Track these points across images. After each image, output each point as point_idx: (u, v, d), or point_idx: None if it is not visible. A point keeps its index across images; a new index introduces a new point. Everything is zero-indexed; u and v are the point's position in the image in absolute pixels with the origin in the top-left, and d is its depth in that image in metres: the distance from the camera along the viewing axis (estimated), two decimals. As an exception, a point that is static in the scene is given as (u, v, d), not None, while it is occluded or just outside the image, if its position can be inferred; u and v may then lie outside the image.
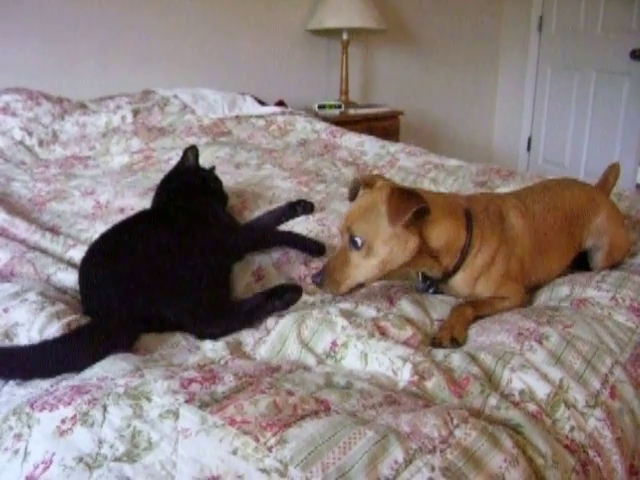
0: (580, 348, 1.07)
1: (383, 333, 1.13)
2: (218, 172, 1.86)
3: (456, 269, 1.29)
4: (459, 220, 1.26)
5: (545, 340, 1.09)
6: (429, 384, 0.98)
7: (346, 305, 1.24)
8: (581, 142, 4.29)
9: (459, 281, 1.31)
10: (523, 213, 1.36)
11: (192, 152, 1.76)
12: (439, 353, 1.08)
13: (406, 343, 1.11)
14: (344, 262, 1.21)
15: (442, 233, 1.23)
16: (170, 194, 1.66)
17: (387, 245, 1.18)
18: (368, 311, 1.22)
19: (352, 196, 1.34)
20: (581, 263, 1.51)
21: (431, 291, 1.36)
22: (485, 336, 1.15)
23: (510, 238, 1.32)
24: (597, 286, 1.31)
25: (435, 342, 1.15)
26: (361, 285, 1.23)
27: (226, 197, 1.79)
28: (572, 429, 0.93)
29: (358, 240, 1.18)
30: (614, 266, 1.49)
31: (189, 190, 1.67)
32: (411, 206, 1.14)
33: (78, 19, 3.03)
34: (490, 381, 1.00)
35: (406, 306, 1.26)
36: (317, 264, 1.44)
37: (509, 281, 1.31)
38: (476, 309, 1.26)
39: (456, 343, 1.14)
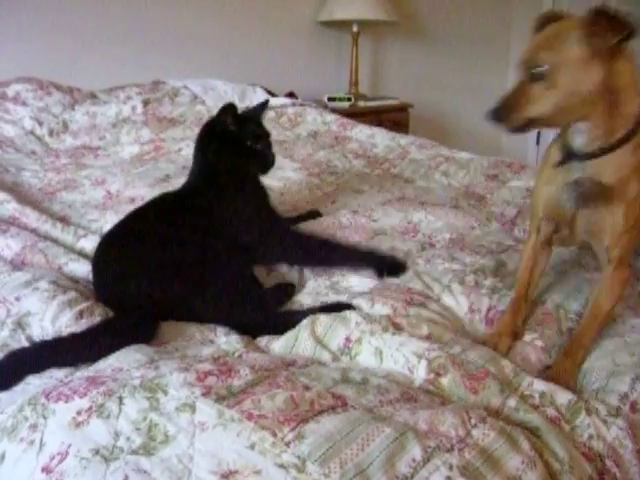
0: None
1: (397, 328, 1.12)
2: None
3: (617, 145, 1.13)
4: None
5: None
6: (445, 380, 0.97)
7: (361, 303, 1.23)
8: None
9: (609, 164, 1.14)
10: None
11: (230, 112, 1.46)
12: (455, 346, 1.06)
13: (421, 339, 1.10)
14: (522, 95, 1.11)
15: (628, 70, 1.10)
16: (207, 167, 1.50)
17: (573, 73, 1.08)
18: (383, 309, 1.21)
19: (538, 29, 1.20)
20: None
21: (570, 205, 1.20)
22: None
23: None
24: None
25: None
26: (533, 122, 1.13)
27: (272, 158, 1.55)
28: (590, 437, 0.90)
29: (542, 70, 1.09)
30: None
31: (225, 165, 1.48)
32: (620, 30, 1.04)
33: (88, 9, 3.02)
34: (511, 382, 0.99)
35: (424, 310, 1.22)
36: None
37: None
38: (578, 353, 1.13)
39: None
